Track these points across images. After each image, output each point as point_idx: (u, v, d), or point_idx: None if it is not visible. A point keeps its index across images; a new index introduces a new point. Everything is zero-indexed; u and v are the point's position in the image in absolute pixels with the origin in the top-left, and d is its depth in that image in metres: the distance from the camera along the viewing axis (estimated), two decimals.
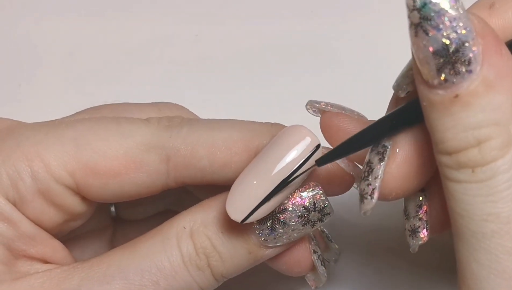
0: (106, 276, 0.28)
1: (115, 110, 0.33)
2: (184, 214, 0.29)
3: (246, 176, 0.28)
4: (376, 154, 0.28)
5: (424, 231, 0.29)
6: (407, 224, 0.30)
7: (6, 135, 0.30)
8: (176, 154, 0.29)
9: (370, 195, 0.27)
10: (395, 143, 0.27)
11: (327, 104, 0.32)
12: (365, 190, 0.27)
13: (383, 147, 0.27)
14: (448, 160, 0.24)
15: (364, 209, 0.27)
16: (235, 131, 0.30)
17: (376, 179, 0.27)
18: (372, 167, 0.27)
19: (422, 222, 0.29)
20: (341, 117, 0.31)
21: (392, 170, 0.27)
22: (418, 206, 0.29)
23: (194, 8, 0.50)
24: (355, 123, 0.31)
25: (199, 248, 0.28)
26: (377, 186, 0.27)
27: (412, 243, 0.30)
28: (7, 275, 0.28)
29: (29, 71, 0.48)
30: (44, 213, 0.29)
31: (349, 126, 0.31)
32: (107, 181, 0.29)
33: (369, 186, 0.27)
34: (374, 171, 0.27)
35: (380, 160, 0.27)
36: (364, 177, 0.28)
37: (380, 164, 0.27)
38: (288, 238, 0.29)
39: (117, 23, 0.49)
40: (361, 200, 0.28)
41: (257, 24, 0.49)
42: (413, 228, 0.30)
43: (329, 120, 0.31)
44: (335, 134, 0.31)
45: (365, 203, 0.27)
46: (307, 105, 0.32)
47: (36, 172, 0.28)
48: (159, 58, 0.48)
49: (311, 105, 0.32)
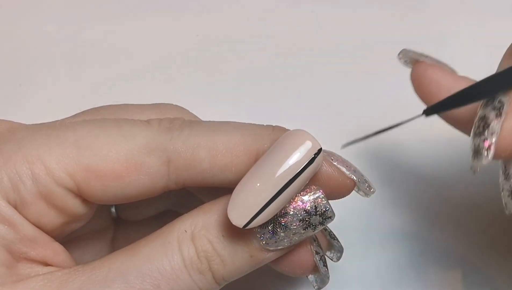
0: (107, 279, 0.27)
1: (115, 112, 0.33)
2: (185, 217, 0.29)
3: (248, 180, 0.28)
4: (492, 109, 0.27)
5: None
6: (507, 184, 0.29)
7: (7, 137, 0.30)
8: (177, 157, 0.29)
9: (487, 150, 0.26)
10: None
11: (422, 54, 0.31)
12: (480, 145, 0.27)
13: (499, 102, 0.27)
14: None
15: (478, 165, 0.27)
16: (236, 134, 0.30)
17: (493, 134, 0.26)
18: (488, 122, 0.27)
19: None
20: (436, 68, 0.30)
21: (510, 126, 0.27)
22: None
23: (194, 8, 0.50)
24: (448, 77, 0.30)
25: (200, 251, 0.28)
26: (494, 141, 0.26)
27: (511, 204, 0.29)
28: (7, 278, 0.28)
29: (29, 71, 0.48)
30: (45, 216, 0.29)
31: (442, 78, 0.30)
32: (108, 183, 0.29)
33: (485, 141, 0.27)
34: (491, 126, 0.27)
35: (497, 115, 0.27)
36: (479, 132, 0.27)
37: (497, 118, 0.27)
38: (290, 242, 0.29)
39: (117, 24, 0.49)
40: (474, 156, 0.27)
41: (257, 24, 0.49)
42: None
43: (423, 71, 0.30)
44: (427, 86, 0.30)
45: (480, 159, 0.27)
46: (400, 54, 0.31)
47: (37, 175, 0.28)
48: (159, 58, 0.48)
49: (404, 54, 0.31)
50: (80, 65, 0.48)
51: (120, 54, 0.48)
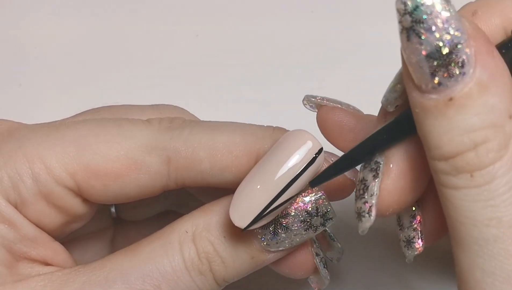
0: (107, 280, 0.27)
1: (115, 112, 0.33)
2: (186, 218, 0.29)
3: (249, 181, 0.28)
4: (369, 171, 0.27)
5: (419, 242, 0.29)
6: (402, 235, 0.30)
7: (7, 137, 0.30)
8: (177, 156, 0.29)
9: (368, 213, 0.27)
10: (387, 159, 0.27)
11: (323, 99, 0.32)
12: (362, 208, 0.27)
13: (376, 164, 0.27)
14: (445, 166, 0.23)
15: (363, 227, 0.27)
16: (236, 135, 0.30)
17: (373, 196, 0.27)
18: (367, 184, 0.27)
19: (416, 232, 0.29)
20: (337, 111, 0.31)
21: (388, 185, 0.27)
22: (412, 217, 0.29)
23: (194, 8, 0.50)
24: (350, 117, 0.31)
25: (201, 252, 0.28)
26: (373, 203, 0.27)
27: (408, 253, 0.30)
28: (8, 277, 0.28)
29: (29, 71, 0.48)
30: (45, 215, 0.29)
31: (344, 119, 0.31)
32: (108, 182, 0.29)
33: (366, 204, 0.27)
34: (370, 188, 0.27)
35: (374, 176, 0.27)
36: (360, 195, 0.27)
37: (375, 180, 0.27)
38: (291, 243, 0.29)
39: (117, 24, 0.49)
40: (359, 218, 0.27)
41: (257, 24, 0.49)
42: (408, 239, 0.29)
43: (325, 114, 0.31)
44: (331, 128, 0.31)
45: (363, 221, 0.27)
46: (304, 100, 0.32)
47: (37, 174, 0.28)
48: (159, 58, 0.48)
49: (308, 100, 0.32)
50: (80, 65, 0.48)
51: (120, 54, 0.48)
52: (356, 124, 0.31)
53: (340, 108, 0.31)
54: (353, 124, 0.31)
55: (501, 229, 0.23)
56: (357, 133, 0.31)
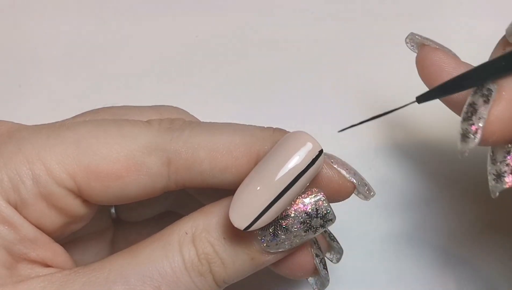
0: (107, 281, 0.27)
1: (115, 113, 0.33)
2: (185, 219, 0.29)
3: (249, 183, 0.28)
4: (480, 96, 0.28)
5: (510, 177, 0.29)
6: (493, 168, 0.30)
7: (7, 138, 0.30)
8: (177, 157, 0.29)
9: (474, 134, 0.28)
10: (500, 87, 0.28)
11: (427, 39, 0.32)
12: (467, 129, 0.28)
13: (488, 90, 0.28)
14: None
15: (465, 148, 0.28)
16: (236, 136, 0.30)
17: (480, 119, 0.28)
18: (476, 108, 0.28)
19: (509, 167, 0.29)
20: (439, 52, 0.32)
21: (497, 111, 0.28)
22: (506, 152, 0.30)
23: (194, 9, 0.50)
24: (451, 60, 0.31)
25: (201, 253, 0.28)
26: (481, 126, 0.28)
27: (496, 187, 0.30)
28: (8, 279, 0.28)
29: (29, 72, 0.48)
30: (45, 216, 0.29)
31: (444, 62, 0.31)
32: (109, 183, 0.29)
33: (472, 126, 0.28)
34: (479, 111, 0.28)
35: (485, 102, 0.28)
36: (467, 117, 0.28)
37: (485, 105, 0.28)
38: (290, 244, 0.29)
39: (117, 24, 0.49)
40: (462, 139, 0.28)
41: (257, 25, 0.49)
42: (499, 173, 0.30)
43: (426, 54, 0.32)
44: (430, 68, 0.31)
45: (468, 142, 0.28)
46: (407, 38, 0.33)
47: (37, 175, 0.28)
48: (159, 58, 0.48)
49: (411, 38, 0.33)
50: (80, 65, 0.48)
51: (120, 54, 0.48)
52: (455, 68, 0.31)
53: (442, 50, 0.32)
54: (452, 68, 0.31)
55: None
56: None
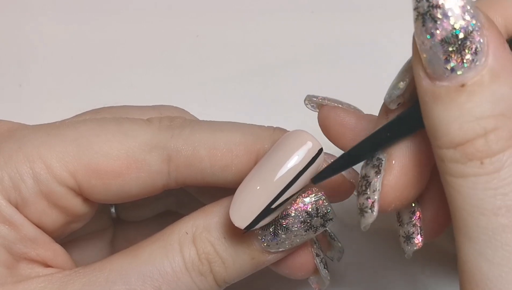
0: (108, 281, 0.27)
1: (115, 112, 0.33)
2: (186, 219, 0.29)
3: (249, 182, 0.28)
4: (371, 168, 0.28)
5: (418, 237, 0.29)
6: (401, 231, 0.30)
7: (8, 137, 0.30)
8: (178, 155, 0.29)
9: (370, 208, 0.27)
10: (389, 155, 0.27)
11: (324, 98, 0.32)
12: (364, 204, 0.27)
13: (378, 160, 0.28)
14: (454, 154, 0.23)
15: (365, 223, 0.28)
16: (237, 134, 0.30)
17: (375, 192, 0.27)
18: (369, 180, 0.27)
19: (416, 228, 0.30)
20: (338, 110, 0.32)
21: (390, 181, 0.27)
22: (411, 213, 0.30)
23: (194, 8, 0.50)
24: (351, 116, 0.31)
25: (201, 253, 0.28)
26: (376, 199, 0.27)
27: (407, 249, 0.30)
28: (8, 278, 0.28)
29: (29, 72, 0.48)
30: (46, 215, 0.29)
31: (345, 119, 0.31)
32: (109, 181, 0.29)
33: (368, 199, 0.27)
34: (372, 184, 0.27)
35: (377, 173, 0.27)
36: (362, 191, 0.28)
37: (377, 176, 0.27)
38: (291, 244, 0.29)
39: (117, 24, 0.49)
40: (361, 214, 0.28)
41: (257, 25, 0.49)
42: (408, 235, 0.30)
43: (326, 114, 0.32)
44: (332, 127, 0.31)
45: (366, 217, 0.27)
46: (306, 100, 0.33)
47: (38, 174, 0.28)
48: (159, 58, 0.48)
49: (309, 100, 0.32)
50: (80, 65, 0.48)
51: (120, 54, 0.48)
52: (356, 123, 0.31)
53: (341, 107, 0.32)
54: (354, 124, 0.31)
55: (511, 218, 0.23)
56: (357, 132, 0.31)
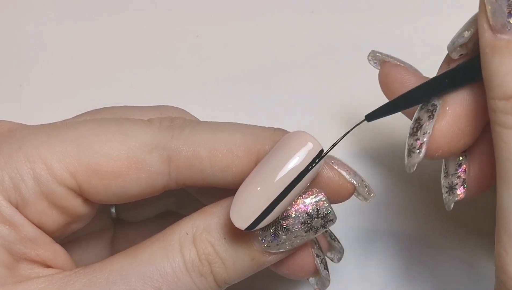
0: (108, 282, 0.27)
1: (116, 113, 0.33)
2: (186, 220, 0.29)
3: (249, 183, 0.28)
4: (425, 112, 0.29)
5: (461, 189, 0.30)
6: (445, 181, 0.31)
7: (8, 137, 0.30)
8: (178, 155, 0.29)
9: (418, 148, 0.28)
10: (445, 102, 0.29)
11: (388, 56, 0.33)
12: (413, 144, 0.29)
13: (433, 106, 0.29)
14: (506, 105, 0.25)
15: (411, 163, 0.29)
16: (237, 135, 0.30)
17: (425, 135, 0.28)
18: (421, 123, 0.29)
19: (460, 179, 0.30)
20: (400, 68, 0.33)
21: (441, 127, 0.28)
22: (457, 165, 0.30)
23: (194, 9, 0.50)
24: (412, 76, 0.32)
25: (201, 254, 0.28)
26: (425, 141, 0.28)
27: (448, 199, 0.31)
28: (8, 279, 0.28)
29: (29, 72, 0.48)
30: (46, 216, 0.29)
31: (405, 77, 0.32)
32: (109, 182, 0.29)
33: (417, 141, 0.29)
34: (423, 126, 0.29)
35: (430, 117, 0.29)
36: (413, 132, 0.29)
37: (429, 120, 0.28)
38: (291, 245, 0.29)
39: (117, 24, 0.49)
40: (408, 154, 0.29)
41: (257, 25, 0.49)
42: (451, 185, 0.30)
43: (388, 70, 0.33)
44: (392, 84, 0.33)
45: (413, 157, 0.29)
46: (369, 56, 0.34)
47: (38, 174, 0.28)
48: (159, 58, 0.48)
49: (373, 56, 0.34)
50: (80, 65, 0.48)
51: (120, 54, 0.48)
52: (416, 82, 0.32)
53: (403, 66, 0.33)
54: (413, 83, 0.32)
55: None
56: None
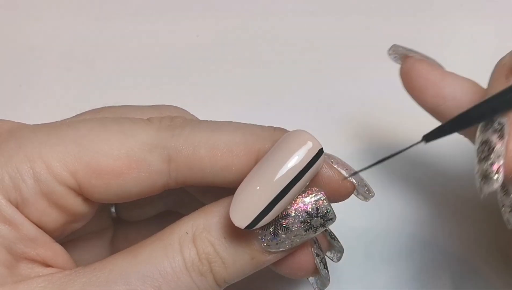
0: (108, 281, 0.27)
1: (116, 112, 0.33)
2: (186, 219, 0.29)
3: (249, 182, 0.28)
4: (493, 132, 0.27)
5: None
6: (508, 201, 0.29)
7: (8, 136, 0.30)
8: (178, 154, 0.29)
9: (496, 173, 0.26)
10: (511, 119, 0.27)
11: (410, 50, 0.31)
12: (488, 170, 0.26)
13: (499, 124, 0.27)
14: None
15: (489, 189, 0.26)
16: (237, 134, 0.30)
17: (500, 157, 0.26)
18: (492, 145, 0.27)
19: None
20: (424, 63, 0.31)
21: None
22: None
23: (194, 8, 0.50)
24: (436, 71, 0.31)
25: (201, 253, 0.28)
26: (502, 164, 0.26)
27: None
28: (8, 278, 0.28)
29: (29, 72, 0.48)
30: (46, 215, 0.29)
31: (430, 73, 0.31)
32: (109, 181, 0.29)
33: (493, 165, 0.26)
34: (496, 149, 0.26)
35: (500, 137, 0.27)
36: (485, 157, 0.27)
37: (501, 141, 0.26)
38: (291, 244, 0.29)
39: (117, 24, 0.49)
40: (484, 181, 0.26)
41: (257, 25, 0.49)
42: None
43: (411, 65, 0.31)
44: (416, 80, 0.31)
45: (490, 183, 0.26)
46: (390, 50, 0.32)
47: (38, 173, 0.28)
48: (160, 58, 0.48)
49: (394, 50, 0.32)
50: (80, 65, 0.48)
51: (120, 54, 0.48)
52: (441, 79, 0.31)
53: (427, 61, 0.31)
54: (438, 79, 0.31)
55: None
56: (441, 88, 0.31)
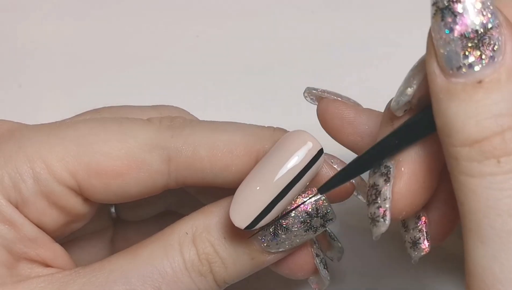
0: (108, 281, 0.27)
1: (116, 112, 0.33)
2: (186, 219, 0.29)
3: (249, 182, 0.28)
4: (380, 176, 0.27)
5: (425, 243, 0.29)
6: (407, 236, 0.30)
7: (8, 137, 0.30)
8: (178, 155, 0.29)
9: (383, 217, 0.27)
10: (398, 162, 0.27)
11: (324, 91, 0.32)
12: (375, 213, 0.27)
13: (386, 168, 0.27)
14: (469, 152, 0.23)
15: (378, 232, 0.27)
16: (237, 134, 0.30)
17: (386, 201, 0.27)
18: (379, 189, 0.27)
19: (422, 233, 0.29)
20: (338, 103, 0.31)
21: (401, 189, 0.27)
22: (417, 218, 0.29)
23: (194, 9, 0.50)
24: (351, 110, 0.31)
25: (201, 254, 0.28)
26: (387, 207, 0.27)
27: (414, 255, 0.29)
28: (8, 278, 0.28)
29: (29, 71, 0.48)
30: (46, 215, 0.29)
31: (344, 112, 0.31)
32: (109, 181, 0.29)
33: (380, 209, 0.27)
34: (382, 192, 0.27)
35: (386, 181, 0.27)
36: (372, 200, 0.27)
37: (386, 185, 0.27)
38: (291, 244, 0.29)
39: (118, 25, 0.49)
40: (373, 224, 0.27)
41: (257, 25, 0.49)
42: (414, 240, 0.29)
43: (326, 107, 0.32)
44: (332, 120, 0.31)
45: (378, 226, 0.27)
46: (305, 92, 0.32)
47: (38, 174, 0.28)
48: (160, 58, 0.48)
49: (309, 92, 0.32)
50: (80, 65, 0.48)
51: (120, 54, 0.48)
52: (356, 117, 0.31)
53: (341, 101, 0.32)
54: (353, 117, 0.31)
55: None
56: (356, 126, 0.31)
